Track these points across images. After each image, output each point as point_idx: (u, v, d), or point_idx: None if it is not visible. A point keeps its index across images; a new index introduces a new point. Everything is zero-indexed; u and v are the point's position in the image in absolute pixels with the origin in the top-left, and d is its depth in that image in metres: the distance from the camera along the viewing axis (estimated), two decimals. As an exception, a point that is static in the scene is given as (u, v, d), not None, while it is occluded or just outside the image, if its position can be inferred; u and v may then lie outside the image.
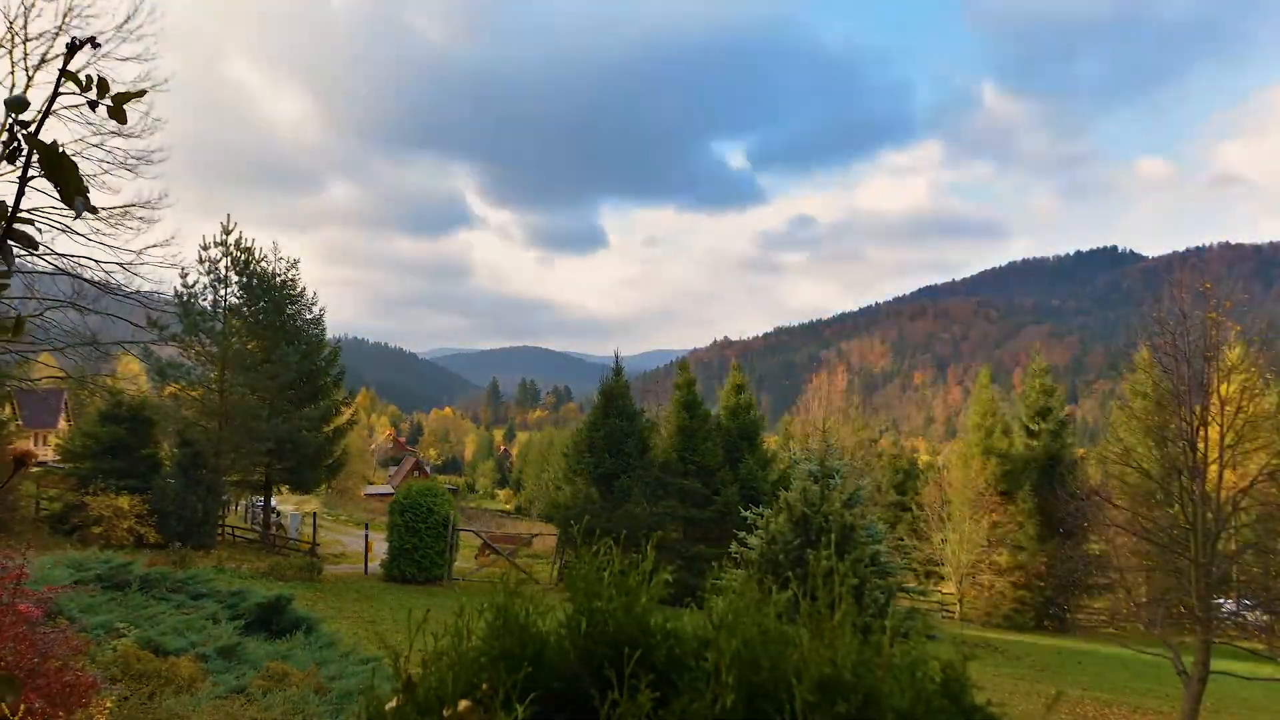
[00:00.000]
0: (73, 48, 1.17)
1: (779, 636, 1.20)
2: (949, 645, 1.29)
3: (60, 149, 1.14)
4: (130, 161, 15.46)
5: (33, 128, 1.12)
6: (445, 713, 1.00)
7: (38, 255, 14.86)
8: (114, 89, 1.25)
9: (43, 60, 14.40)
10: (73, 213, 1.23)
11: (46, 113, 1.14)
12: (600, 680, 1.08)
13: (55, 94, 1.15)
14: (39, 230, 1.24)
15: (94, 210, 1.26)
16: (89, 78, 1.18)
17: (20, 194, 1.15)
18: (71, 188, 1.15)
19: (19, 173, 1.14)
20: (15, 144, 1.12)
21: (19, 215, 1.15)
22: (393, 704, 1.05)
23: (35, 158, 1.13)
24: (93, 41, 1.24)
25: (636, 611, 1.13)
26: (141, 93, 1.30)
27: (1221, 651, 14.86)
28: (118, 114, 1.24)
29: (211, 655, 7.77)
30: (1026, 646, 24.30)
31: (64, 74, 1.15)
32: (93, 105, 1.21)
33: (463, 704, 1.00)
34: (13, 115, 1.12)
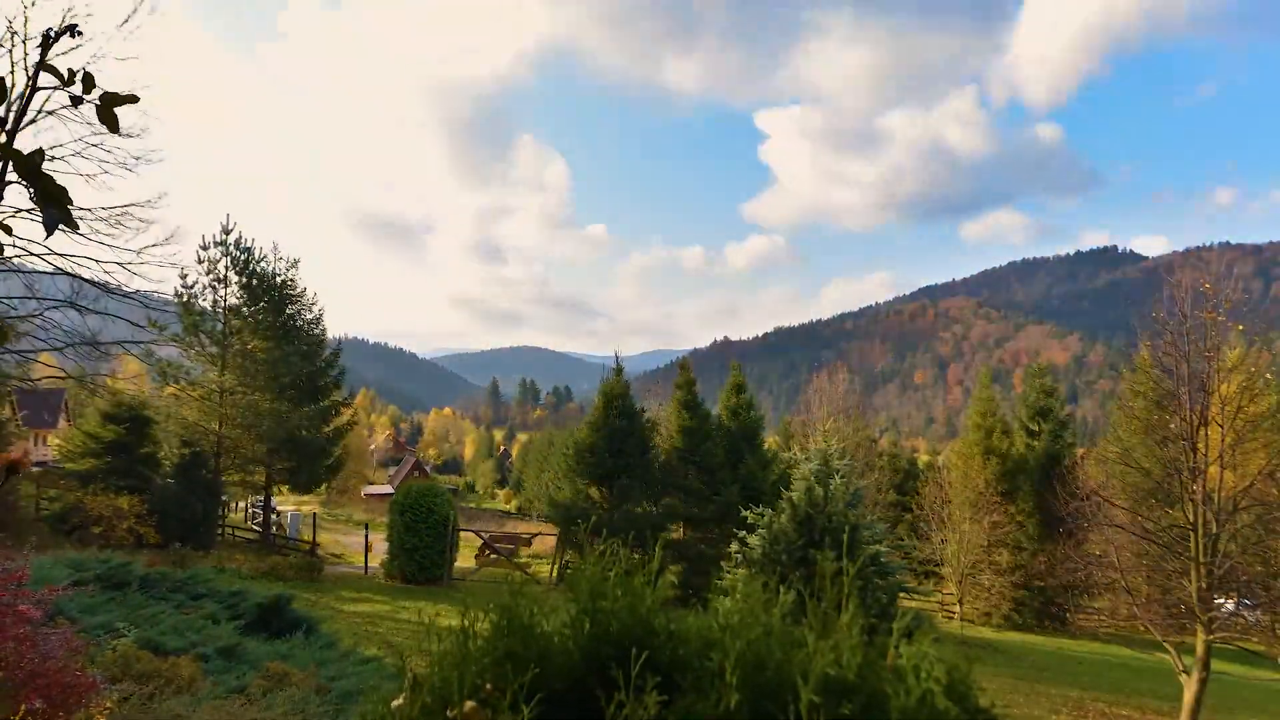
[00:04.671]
0: (48, 39, 1.09)
1: (784, 637, 1.20)
2: (953, 647, 1.29)
3: (39, 158, 1.06)
4: (130, 161, 15.43)
5: (9, 126, 1.05)
6: (450, 713, 1.00)
7: (37, 255, 14.84)
8: (105, 92, 1.14)
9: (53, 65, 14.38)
10: (61, 214, 1.15)
11: (21, 113, 1.08)
12: (605, 681, 1.07)
13: (32, 89, 1.09)
14: (8, 230, 1.17)
15: (72, 225, 1.19)
16: (71, 71, 1.08)
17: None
18: (51, 196, 1.07)
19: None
20: None
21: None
22: (398, 702, 1.04)
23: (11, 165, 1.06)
24: (73, 30, 1.14)
25: (641, 612, 1.13)
26: (134, 98, 1.17)
27: (1222, 652, 14.87)
28: (107, 117, 1.13)
29: (211, 655, 7.76)
30: (1027, 647, 24.30)
31: (42, 66, 1.06)
32: (75, 101, 1.11)
33: (468, 704, 1.00)
34: None
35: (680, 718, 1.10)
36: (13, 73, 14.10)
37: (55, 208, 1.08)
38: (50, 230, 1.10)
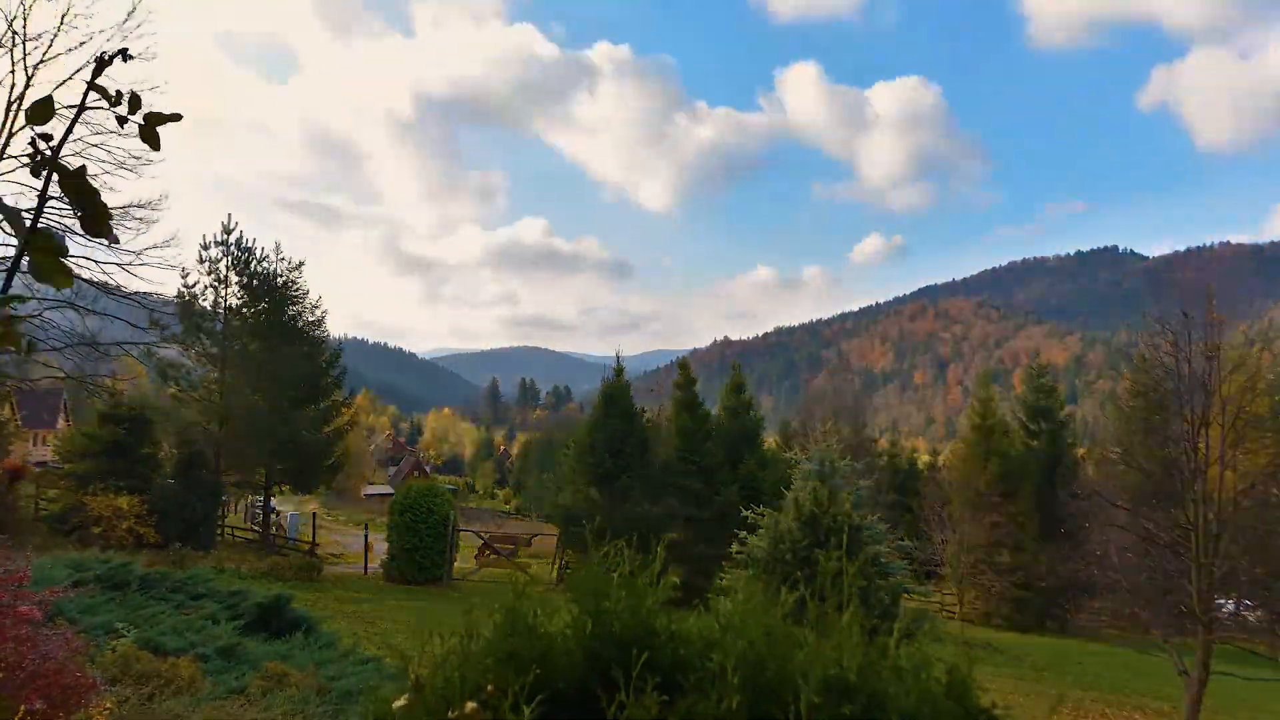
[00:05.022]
0: (102, 62, 1.10)
1: (785, 638, 1.19)
2: (954, 647, 1.29)
3: (84, 174, 1.08)
4: (130, 161, 15.45)
5: (55, 141, 1.07)
6: (451, 714, 1.00)
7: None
8: (150, 112, 1.15)
9: (42, 60, 14.40)
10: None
11: (70, 129, 1.10)
12: (607, 681, 1.07)
13: (82, 108, 1.11)
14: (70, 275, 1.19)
15: (115, 240, 1.22)
16: (119, 92, 1.11)
17: (40, 210, 1.11)
18: (96, 214, 1.09)
19: (40, 187, 1.10)
20: (39, 156, 1.08)
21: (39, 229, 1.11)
22: (400, 703, 1.04)
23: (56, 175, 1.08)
24: (124, 54, 1.16)
25: (643, 613, 1.13)
26: (178, 116, 1.19)
27: (1222, 652, 14.86)
28: (150, 137, 1.14)
29: (211, 655, 7.76)
30: (1027, 647, 24.28)
31: (92, 86, 1.08)
32: (121, 121, 1.13)
33: (469, 705, 1.00)
34: (34, 126, 1.08)
35: (682, 718, 1.10)
36: (13, 72, 14.12)
37: (100, 224, 1.10)
38: (109, 242, 1.14)
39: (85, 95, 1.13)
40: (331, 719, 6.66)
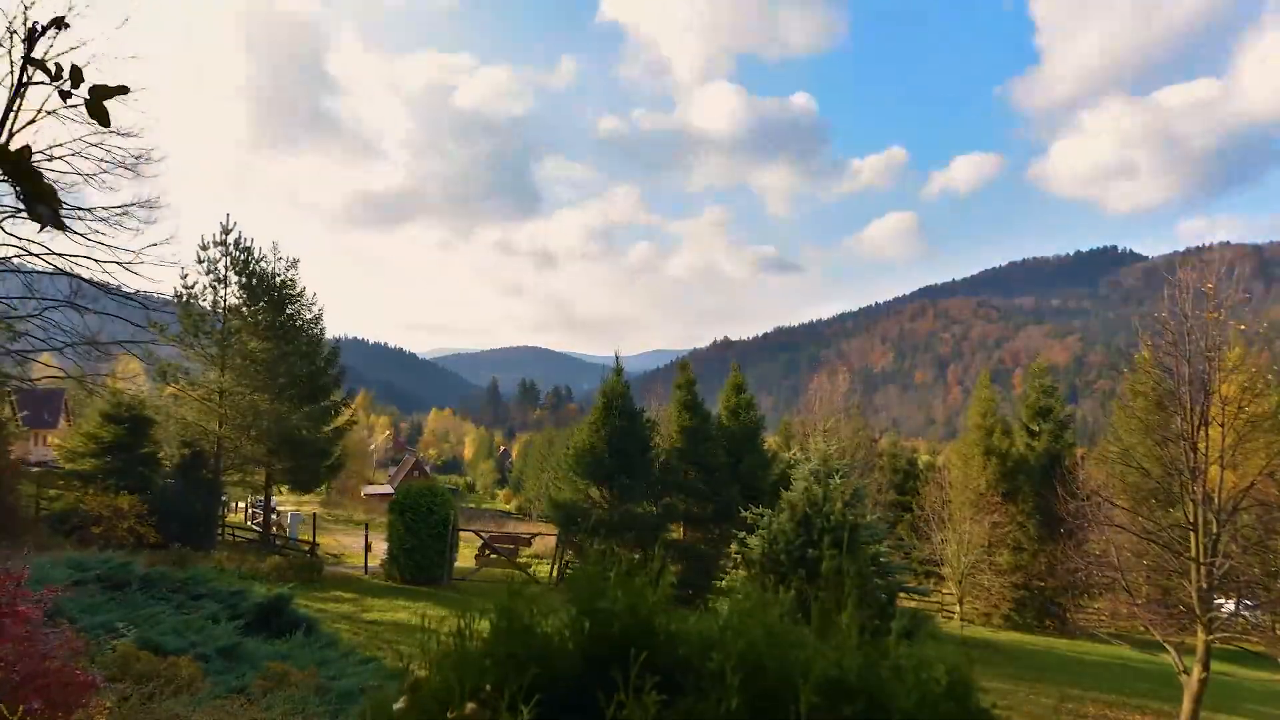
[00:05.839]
0: (34, 33, 1.10)
1: (785, 638, 1.19)
2: (955, 647, 1.28)
3: (25, 155, 1.05)
4: (130, 160, 15.40)
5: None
6: (450, 714, 0.99)
7: (37, 255, 14.83)
8: (94, 85, 1.13)
9: (41, 61, 14.38)
10: (50, 213, 1.14)
11: (9, 109, 1.10)
12: (605, 682, 1.07)
13: (21, 84, 1.11)
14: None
15: (61, 226, 1.19)
16: (58, 66, 1.09)
17: None
18: (35, 195, 1.07)
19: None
20: None
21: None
22: (400, 704, 1.04)
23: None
24: (59, 23, 1.14)
25: (642, 613, 1.12)
26: (124, 89, 1.16)
27: (1221, 652, 14.88)
28: (97, 110, 1.13)
29: (211, 655, 7.76)
30: (1027, 647, 24.30)
31: (29, 61, 1.06)
32: (65, 95, 1.12)
33: (468, 706, 1.00)
34: None
35: (681, 719, 1.10)
36: (11, 73, 14.11)
37: (44, 206, 1.08)
38: (42, 226, 1.12)
39: (24, 69, 1.13)
40: (331, 719, 6.66)
